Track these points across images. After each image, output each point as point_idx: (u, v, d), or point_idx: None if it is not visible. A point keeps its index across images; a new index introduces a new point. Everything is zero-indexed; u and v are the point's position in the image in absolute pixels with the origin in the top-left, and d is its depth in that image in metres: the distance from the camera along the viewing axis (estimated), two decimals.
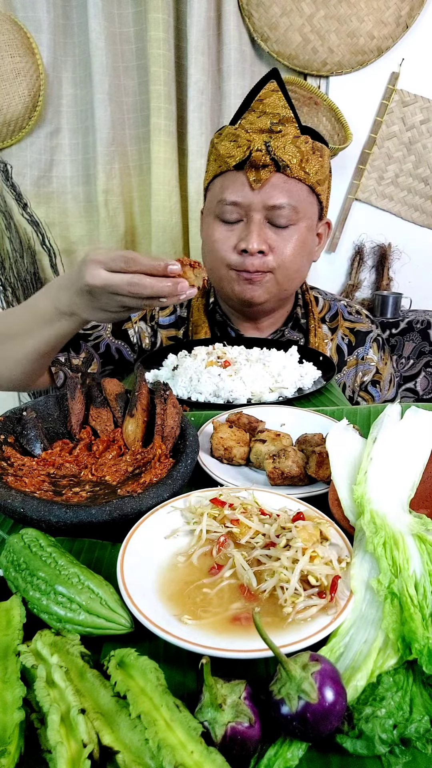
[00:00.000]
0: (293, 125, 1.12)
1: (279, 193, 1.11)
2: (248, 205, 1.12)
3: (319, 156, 1.14)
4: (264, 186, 1.11)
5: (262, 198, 1.11)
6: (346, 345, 1.31)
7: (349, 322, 1.33)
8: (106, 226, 2.21)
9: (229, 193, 1.13)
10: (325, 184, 1.19)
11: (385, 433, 0.63)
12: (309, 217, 1.17)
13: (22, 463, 0.70)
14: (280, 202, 1.11)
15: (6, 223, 2.18)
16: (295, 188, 1.12)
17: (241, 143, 1.10)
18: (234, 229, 1.16)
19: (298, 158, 1.10)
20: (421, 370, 2.43)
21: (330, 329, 1.32)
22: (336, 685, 0.40)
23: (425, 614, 0.45)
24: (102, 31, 1.97)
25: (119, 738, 0.38)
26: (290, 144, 1.10)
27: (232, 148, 1.12)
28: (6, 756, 0.36)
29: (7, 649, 0.44)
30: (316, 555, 0.51)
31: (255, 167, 1.10)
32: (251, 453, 0.76)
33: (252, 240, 1.11)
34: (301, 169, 1.11)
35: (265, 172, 1.10)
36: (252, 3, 2.03)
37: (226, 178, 1.14)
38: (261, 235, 1.13)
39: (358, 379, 1.30)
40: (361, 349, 1.31)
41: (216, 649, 0.43)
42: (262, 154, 1.08)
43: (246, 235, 1.13)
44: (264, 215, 1.13)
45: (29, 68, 2.00)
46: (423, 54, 2.20)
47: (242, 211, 1.14)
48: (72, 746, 0.36)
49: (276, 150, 1.09)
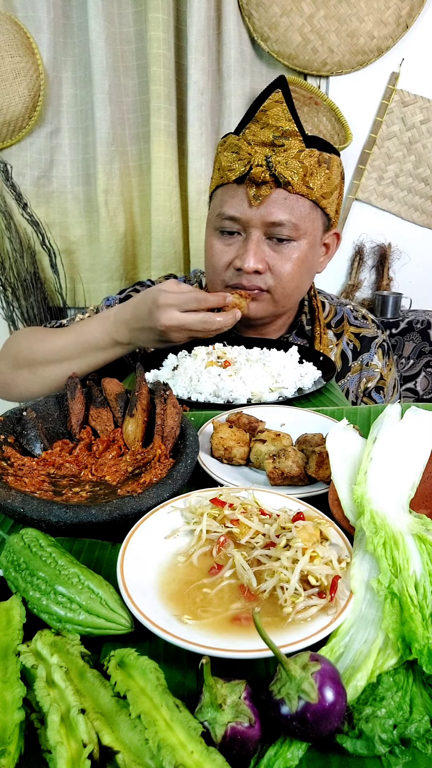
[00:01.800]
0: (297, 139, 1.08)
1: (279, 210, 1.08)
2: (247, 221, 1.10)
3: (326, 168, 1.10)
4: (263, 202, 1.08)
5: (262, 214, 1.09)
6: (350, 350, 1.30)
7: (354, 327, 1.32)
8: (106, 226, 2.21)
9: (227, 207, 1.11)
10: (333, 195, 1.15)
11: (385, 433, 0.63)
12: (311, 233, 1.14)
13: (22, 463, 0.70)
14: (280, 219, 1.08)
15: (6, 223, 2.18)
16: (297, 204, 1.09)
17: (243, 156, 1.08)
18: (232, 243, 1.14)
19: (300, 174, 1.07)
20: (421, 370, 2.43)
21: (335, 335, 1.30)
22: (336, 685, 0.40)
23: (425, 614, 0.45)
24: (102, 31, 1.97)
25: (119, 738, 0.38)
26: (293, 159, 1.06)
27: (234, 161, 1.09)
28: (6, 756, 0.36)
29: (7, 649, 0.44)
30: (316, 555, 0.51)
31: (255, 183, 1.07)
32: (251, 453, 0.76)
33: (248, 259, 1.09)
34: (303, 185, 1.08)
35: (265, 189, 1.07)
36: (252, 3, 2.03)
37: (226, 191, 1.12)
38: (258, 253, 1.10)
39: (362, 385, 1.29)
40: (365, 355, 1.30)
41: (216, 649, 0.43)
42: (262, 170, 1.06)
43: (243, 253, 1.11)
44: (263, 231, 1.11)
45: (29, 68, 2.00)
46: (423, 54, 2.20)
47: (240, 226, 1.12)
48: (72, 746, 0.36)
49: (277, 165, 1.05)
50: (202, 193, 2.18)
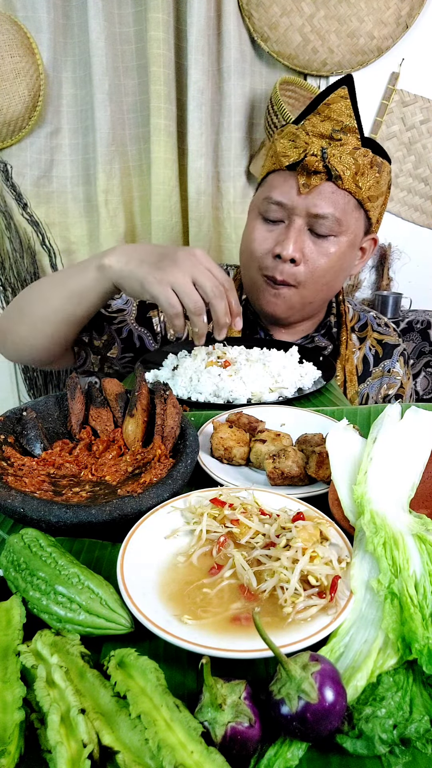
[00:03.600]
0: (355, 136, 1.09)
1: (325, 203, 1.09)
2: (292, 209, 1.11)
3: (376, 171, 1.11)
4: (312, 192, 1.09)
5: (307, 204, 1.09)
6: (372, 356, 1.30)
7: (377, 333, 1.33)
8: (106, 226, 2.21)
9: (276, 193, 1.12)
10: (379, 201, 1.16)
11: (385, 433, 0.63)
12: (352, 232, 1.14)
13: (22, 463, 0.70)
14: (324, 212, 1.09)
15: (6, 223, 2.18)
16: (343, 200, 1.10)
17: (299, 144, 1.09)
18: (274, 230, 1.15)
19: (353, 170, 1.08)
20: (421, 370, 2.43)
21: (359, 339, 1.31)
22: (336, 685, 0.40)
23: (425, 614, 0.45)
24: (102, 31, 1.97)
25: (119, 738, 0.38)
26: (348, 155, 1.07)
27: (289, 148, 1.10)
28: (6, 756, 0.36)
29: (7, 649, 0.44)
30: (316, 555, 0.51)
31: (307, 171, 1.08)
32: (251, 453, 0.76)
33: (288, 246, 1.10)
34: (353, 182, 1.09)
35: (315, 179, 1.08)
36: (252, 3, 2.03)
37: (277, 177, 1.13)
38: (298, 242, 1.11)
39: (382, 392, 1.30)
40: (387, 362, 1.30)
41: (216, 649, 0.43)
42: (317, 160, 1.06)
43: (283, 239, 1.12)
44: (306, 221, 1.11)
45: (29, 68, 2.00)
46: (423, 54, 2.20)
47: (285, 213, 1.12)
48: (72, 746, 0.36)
49: (331, 158, 1.06)
50: (202, 193, 2.18)
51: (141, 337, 1.27)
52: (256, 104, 2.18)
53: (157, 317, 1.28)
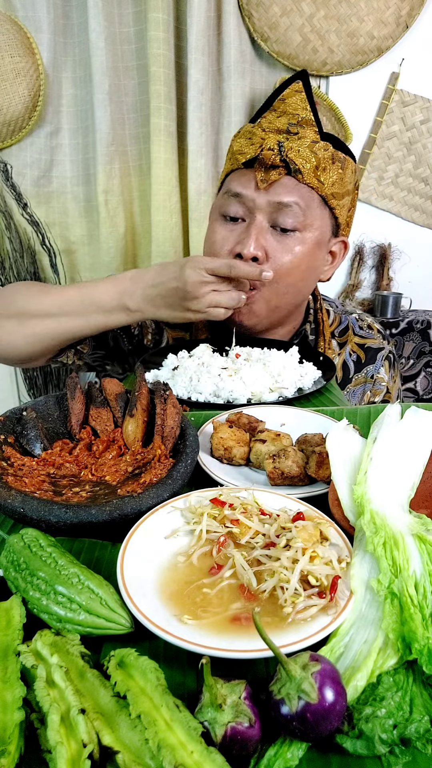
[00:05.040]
0: (312, 129, 1.06)
1: (287, 193, 1.06)
2: (252, 201, 1.07)
3: (339, 167, 1.08)
4: (271, 186, 1.06)
5: (268, 197, 1.06)
6: (353, 361, 1.25)
7: (359, 337, 1.27)
8: (106, 226, 2.21)
9: (234, 185, 1.09)
10: (344, 200, 1.12)
11: (385, 433, 0.63)
12: (318, 229, 1.10)
13: (22, 463, 0.70)
14: (286, 200, 1.05)
15: (6, 223, 2.18)
16: (307, 194, 1.06)
17: (255, 141, 1.06)
18: (234, 230, 1.11)
19: (312, 164, 1.05)
20: (421, 370, 2.43)
21: (339, 344, 1.26)
22: (336, 685, 0.40)
23: (425, 614, 0.45)
24: (102, 31, 1.97)
25: (119, 738, 0.38)
26: (306, 148, 1.04)
27: (245, 146, 1.08)
28: (6, 756, 0.36)
29: (7, 649, 0.44)
30: (316, 555, 0.51)
31: (264, 167, 1.05)
32: (251, 453, 0.76)
33: (248, 243, 1.05)
34: (314, 177, 1.05)
35: (274, 173, 1.05)
36: (252, 3, 2.03)
37: (234, 175, 1.11)
38: (260, 239, 1.07)
39: (366, 398, 1.25)
40: (371, 368, 1.25)
41: (216, 649, 0.43)
42: (273, 154, 1.03)
43: (244, 238, 1.07)
44: (268, 217, 1.08)
45: (29, 68, 2.00)
46: (423, 54, 2.20)
47: (246, 210, 1.09)
48: (72, 746, 0.36)
49: (289, 151, 1.03)
50: (202, 193, 2.17)
51: (116, 337, 1.25)
52: (256, 104, 2.18)
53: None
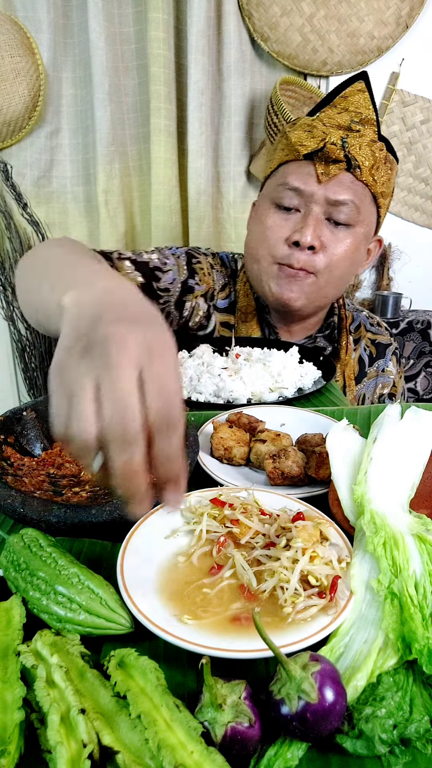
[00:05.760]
0: (373, 128, 1.09)
1: (345, 190, 1.08)
2: (310, 196, 1.09)
3: (389, 168, 1.11)
4: (331, 180, 1.07)
5: (326, 192, 1.08)
6: (367, 356, 1.30)
7: (371, 333, 1.32)
8: (106, 226, 2.21)
9: (293, 179, 1.10)
10: (388, 200, 1.15)
11: (385, 433, 0.63)
12: (367, 225, 1.13)
13: (22, 463, 0.70)
14: (345, 198, 1.08)
15: (6, 223, 2.18)
16: (361, 191, 1.09)
17: (316, 134, 1.07)
18: (289, 219, 1.12)
19: (370, 162, 1.07)
20: (421, 370, 2.43)
21: (354, 340, 1.31)
22: (336, 685, 0.40)
23: (425, 614, 0.45)
24: (102, 31, 1.97)
25: (119, 738, 0.38)
26: (366, 146, 1.07)
27: (306, 138, 1.08)
28: (6, 756, 0.36)
29: (7, 649, 0.44)
30: (316, 555, 0.51)
31: (326, 160, 1.06)
32: (251, 453, 0.76)
33: (306, 233, 1.08)
34: (370, 175, 1.08)
35: (335, 168, 1.07)
36: (252, 3, 2.03)
37: (291, 165, 1.11)
38: (317, 229, 1.09)
39: (377, 391, 1.30)
40: (381, 362, 1.30)
41: (216, 649, 0.43)
42: (337, 149, 1.05)
43: (301, 227, 1.09)
44: (324, 210, 1.10)
45: (29, 68, 2.00)
46: (423, 54, 2.20)
47: (302, 201, 1.10)
48: (72, 746, 0.36)
49: (351, 148, 1.05)
50: (202, 193, 2.17)
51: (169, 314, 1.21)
52: (256, 104, 2.18)
53: (190, 302, 1.22)
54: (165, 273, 1.18)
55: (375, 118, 1.09)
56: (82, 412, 0.42)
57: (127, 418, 0.41)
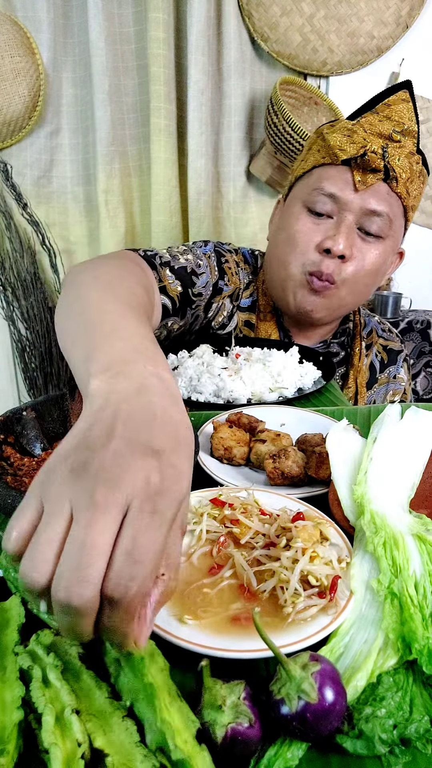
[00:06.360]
0: (413, 140, 1.07)
1: (380, 201, 1.07)
2: (345, 203, 1.07)
3: (421, 182, 1.11)
4: (367, 190, 1.06)
5: (362, 201, 1.07)
6: (378, 362, 1.30)
7: (383, 339, 1.32)
8: (106, 226, 2.21)
9: (329, 185, 1.08)
10: (414, 213, 1.15)
11: (385, 433, 0.63)
12: (396, 237, 1.13)
13: (22, 463, 0.70)
14: (380, 209, 1.07)
15: (6, 223, 2.18)
16: (395, 203, 1.09)
17: (356, 140, 1.06)
18: (320, 224, 1.10)
19: (407, 174, 1.07)
20: (421, 370, 2.43)
21: (366, 345, 1.30)
22: (336, 685, 0.39)
23: (425, 614, 0.45)
24: (102, 31, 1.97)
25: (111, 741, 0.37)
26: (405, 158, 1.06)
27: (345, 143, 1.06)
28: (5, 755, 0.36)
29: (6, 649, 0.44)
30: (316, 555, 0.51)
31: (364, 168, 1.05)
32: (251, 453, 0.76)
33: (340, 240, 1.06)
34: (405, 187, 1.07)
35: (372, 177, 1.05)
36: (252, 3, 2.03)
37: (328, 170, 1.09)
38: (350, 238, 1.08)
39: (387, 398, 1.29)
40: (392, 368, 1.30)
41: (216, 649, 0.43)
42: (377, 157, 1.04)
43: (334, 234, 1.07)
44: (357, 219, 1.08)
45: (29, 68, 2.00)
46: (423, 54, 2.20)
47: (336, 208, 1.09)
48: (67, 746, 0.36)
49: (391, 158, 1.04)
50: (202, 193, 2.17)
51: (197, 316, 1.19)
52: (256, 104, 2.18)
53: (217, 303, 1.20)
54: (199, 276, 1.15)
55: (416, 129, 1.08)
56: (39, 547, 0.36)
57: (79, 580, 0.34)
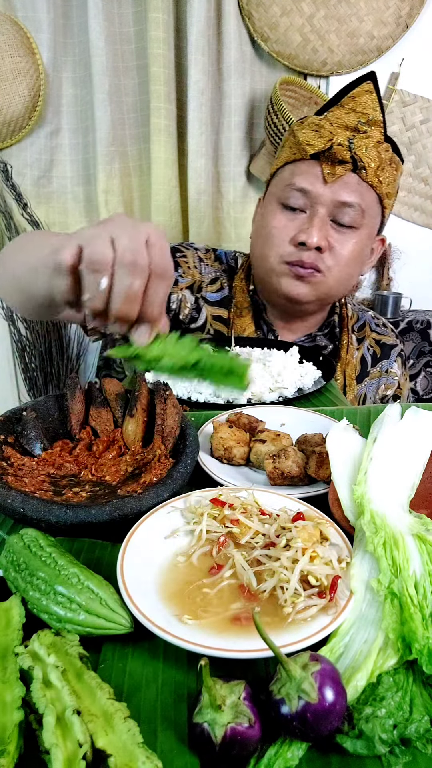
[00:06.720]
0: (379, 129, 1.10)
1: (350, 192, 1.09)
2: (316, 197, 1.10)
3: (393, 169, 1.13)
4: (336, 182, 1.09)
5: (333, 193, 1.09)
6: (370, 356, 1.30)
7: (376, 333, 1.32)
8: None
9: (300, 180, 1.11)
10: (391, 201, 1.17)
11: (385, 433, 0.63)
12: (371, 226, 1.15)
13: (22, 463, 0.70)
14: (350, 200, 1.09)
15: (6, 223, 2.18)
16: (366, 193, 1.11)
17: (324, 134, 1.08)
18: (295, 219, 1.13)
19: (376, 163, 1.09)
20: (421, 370, 2.43)
21: (357, 339, 1.31)
22: (336, 685, 0.40)
23: (425, 614, 0.45)
24: (102, 31, 1.97)
25: (112, 741, 0.37)
26: (372, 147, 1.08)
27: (313, 138, 1.09)
28: (5, 756, 0.36)
29: (6, 650, 0.44)
30: (316, 555, 0.51)
31: (332, 161, 1.08)
32: (251, 453, 0.76)
33: (313, 233, 1.09)
34: (375, 176, 1.09)
35: (341, 169, 1.08)
36: (252, 3, 2.03)
37: (299, 166, 1.12)
38: (323, 230, 1.10)
39: (380, 392, 1.30)
40: (385, 362, 1.30)
41: (216, 649, 0.43)
42: (344, 149, 1.06)
43: (308, 227, 1.10)
44: (329, 211, 1.11)
45: (29, 68, 2.00)
46: (423, 54, 2.20)
47: (308, 202, 1.12)
48: (68, 747, 0.36)
49: (357, 149, 1.07)
50: (202, 193, 2.17)
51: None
52: (256, 104, 2.18)
53: (175, 294, 1.23)
54: None
55: (382, 119, 1.10)
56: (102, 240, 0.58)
57: (138, 253, 0.58)
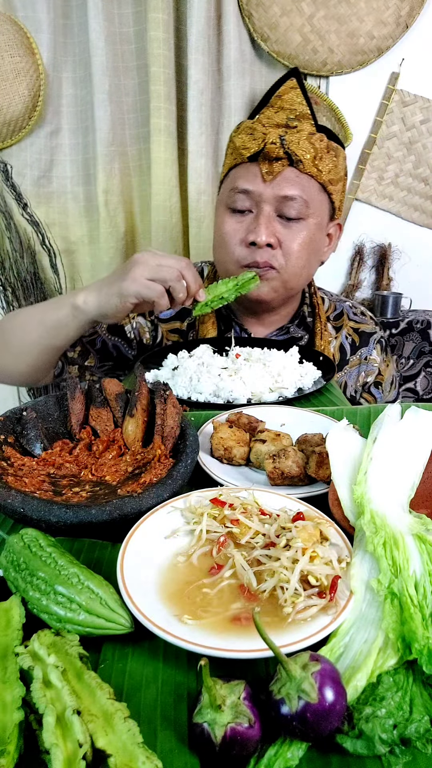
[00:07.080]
0: (309, 122, 1.14)
1: (291, 186, 1.12)
2: (259, 196, 1.13)
3: (333, 156, 1.15)
4: (276, 178, 1.12)
5: (274, 190, 1.12)
6: (349, 344, 1.32)
7: (354, 322, 1.34)
8: (106, 226, 2.21)
9: (241, 182, 1.14)
10: (339, 185, 1.19)
11: (385, 433, 0.63)
12: (319, 215, 1.17)
13: (22, 463, 0.70)
14: (292, 194, 1.12)
15: (6, 223, 2.18)
16: (307, 184, 1.13)
17: (257, 136, 1.12)
18: (243, 221, 1.17)
19: (312, 154, 1.11)
20: (421, 370, 2.43)
21: (335, 328, 1.32)
22: (336, 685, 0.40)
23: (425, 614, 0.45)
24: (102, 31, 1.97)
25: (112, 741, 0.37)
26: (305, 140, 1.11)
27: (248, 141, 1.13)
28: (5, 756, 0.36)
29: (6, 650, 0.44)
30: (316, 555, 0.51)
31: (268, 160, 1.11)
32: (251, 453, 0.76)
33: (260, 232, 1.12)
34: (314, 166, 1.12)
35: (278, 165, 1.11)
36: (252, 3, 2.03)
37: (239, 169, 1.16)
38: (269, 227, 1.13)
39: (360, 380, 1.31)
40: (364, 350, 1.31)
41: (216, 649, 0.43)
42: (276, 147, 1.10)
43: (255, 227, 1.14)
44: (274, 207, 1.14)
45: (29, 68, 2.00)
46: (423, 54, 2.20)
47: (253, 202, 1.15)
48: (68, 747, 0.36)
49: (290, 144, 1.10)
50: (202, 193, 2.17)
51: (116, 346, 1.29)
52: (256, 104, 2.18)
53: (129, 324, 1.29)
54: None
55: (309, 111, 1.14)
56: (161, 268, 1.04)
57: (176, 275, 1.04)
